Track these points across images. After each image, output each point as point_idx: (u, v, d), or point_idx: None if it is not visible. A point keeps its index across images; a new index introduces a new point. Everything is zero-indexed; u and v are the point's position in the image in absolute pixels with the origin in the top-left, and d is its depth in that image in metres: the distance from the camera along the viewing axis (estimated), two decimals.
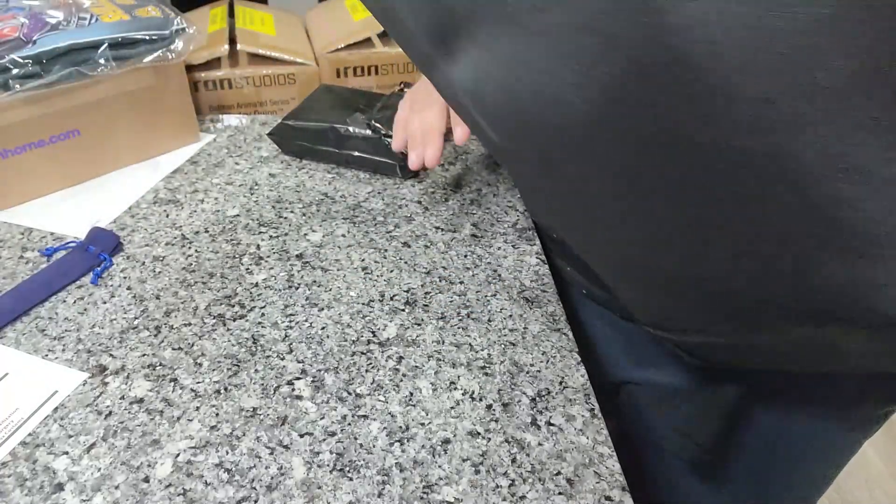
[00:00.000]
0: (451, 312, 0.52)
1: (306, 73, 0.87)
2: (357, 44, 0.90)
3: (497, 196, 0.67)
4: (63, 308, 0.51)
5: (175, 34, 0.67)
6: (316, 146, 0.70)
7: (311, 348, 0.48)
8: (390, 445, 0.41)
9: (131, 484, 0.38)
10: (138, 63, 0.64)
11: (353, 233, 0.60)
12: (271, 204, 0.64)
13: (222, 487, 0.38)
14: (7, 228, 0.59)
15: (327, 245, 0.58)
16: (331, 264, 0.56)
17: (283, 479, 0.39)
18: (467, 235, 0.61)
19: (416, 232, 0.61)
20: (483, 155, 0.74)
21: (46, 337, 0.48)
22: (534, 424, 0.43)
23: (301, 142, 0.70)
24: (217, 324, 0.50)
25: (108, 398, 0.44)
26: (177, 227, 0.60)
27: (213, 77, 0.83)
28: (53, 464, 0.39)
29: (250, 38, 0.88)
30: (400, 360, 0.47)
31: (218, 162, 0.71)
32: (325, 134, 0.69)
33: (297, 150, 0.72)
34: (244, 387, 0.45)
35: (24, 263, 0.55)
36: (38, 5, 0.63)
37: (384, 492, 0.39)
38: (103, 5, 0.66)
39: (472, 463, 0.40)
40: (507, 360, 0.48)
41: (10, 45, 0.58)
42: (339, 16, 1.00)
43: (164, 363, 0.46)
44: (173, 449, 0.40)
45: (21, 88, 0.57)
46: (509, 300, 0.53)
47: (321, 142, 0.70)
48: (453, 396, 0.45)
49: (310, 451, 0.41)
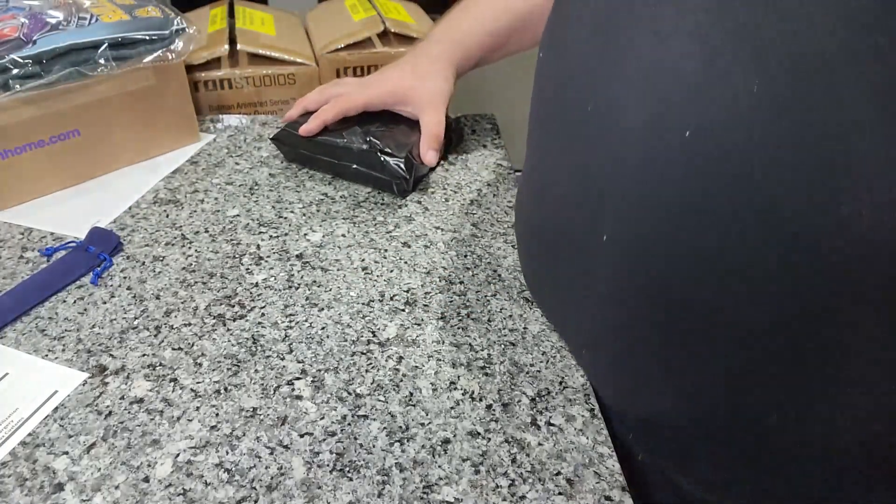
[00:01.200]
0: (451, 312, 0.52)
1: (306, 73, 0.87)
2: (357, 44, 0.90)
3: (497, 196, 0.67)
4: (63, 308, 0.51)
5: (175, 34, 0.67)
6: (315, 155, 0.68)
7: (311, 348, 0.48)
8: (390, 445, 0.41)
9: (131, 484, 0.38)
10: (138, 63, 0.64)
11: (353, 233, 0.60)
12: (271, 204, 0.64)
13: (222, 487, 0.38)
14: (7, 228, 0.59)
15: (327, 245, 0.58)
16: (331, 264, 0.56)
17: (283, 479, 0.39)
18: (467, 235, 0.61)
19: (416, 232, 0.61)
20: (483, 155, 0.74)
21: (46, 337, 0.48)
22: (534, 424, 0.43)
23: (302, 150, 0.69)
24: (217, 324, 0.50)
25: (108, 398, 0.44)
26: (177, 227, 0.60)
27: (213, 77, 0.83)
28: (53, 464, 0.39)
29: (250, 38, 0.88)
30: (400, 360, 0.47)
31: (218, 162, 0.71)
32: (323, 144, 0.67)
33: (298, 158, 0.71)
34: (244, 387, 0.45)
35: (24, 263, 0.55)
36: (38, 5, 0.63)
37: (384, 492, 0.39)
38: (103, 5, 0.66)
39: (472, 463, 0.40)
40: (507, 360, 0.48)
41: (10, 45, 0.58)
42: (339, 16, 1.00)
43: (164, 363, 0.46)
44: (173, 449, 0.41)
45: (21, 88, 0.57)
46: (509, 300, 0.53)
47: (320, 151, 0.68)
48: (453, 396, 0.45)
49: (310, 451, 0.41)
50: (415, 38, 0.94)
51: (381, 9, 1.00)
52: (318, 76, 0.89)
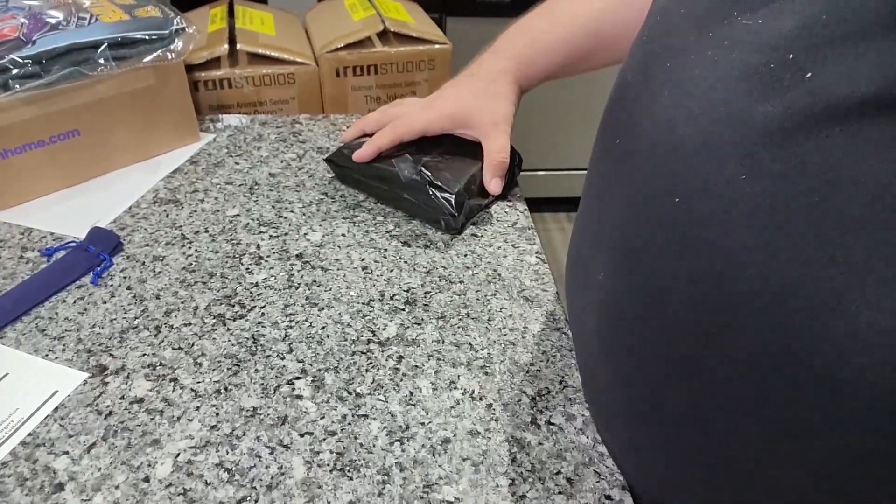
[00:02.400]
0: (451, 312, 0.52)
1: (306, 72, 0.87)
2: (357, 43, 0.90)
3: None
4: (63, 308, 0.51)
5: (175, 34, 0.67)
6: (367, 180, 0.64)
7: (311, 348, 0.48)
8: (390, 445, 0.41)
9: (131, 484, 0.38)
10: (138, 63, 0.64)
11: (353, 232, 0.60)
12: (271, 203, 0.64)
13: (222, 487, 0.38)
14: (7, 228, 0.59)
15: (327, 245, 0.58)
16: (331, 264, 0.56)
17: (284, 479, 0.39)
18: (467, 235, 0.61)
19: (416, 232, 0.61)
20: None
21: (46, 337, 0.48)
22: (534, 424, 0.43)
23: (355, 175, 0.65)
24: (217, 323, 0.50)
25: (108, 398, 0.44)
26: (177, 226, 0.60)
27: (213, 77, 0.83)
28: (54, 464, 0.39)
29: (250, 38, 0.88)
30: (400, 360, 0.47)
31: (218, 162, 0.71)
32: (375, 170, 0.63)
33: (351, 181, 0.66)
34: (244, 386, 0.45)
35: (24, 263, 0.55)
36: (38, 5, 0.63)
37: (384, 491, 0.39)
38: (103, 5, 0.66)
39: (472, 462, 0.40)
40: (507, 360, 0.48)
41: (10, 45, 0.58)
42: (338, 16, 1.00)
43: (164, 363, 0.46)
44: (173, 449, 0.41)
45: (21, 88, 0.57)
46: (509, 300, 0.53)
47: (373, 177, 0.63)
48: (453, 396, 0.45)
49: (310, 450, 0.41)
50: (415, 38, 0.94)
51: (380, 8, 1.00)
52: (318, 76, 0.89)
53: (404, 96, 0.95)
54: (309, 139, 0.76)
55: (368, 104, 0.94)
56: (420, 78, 0.94)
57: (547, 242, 1.99)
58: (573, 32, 0.63)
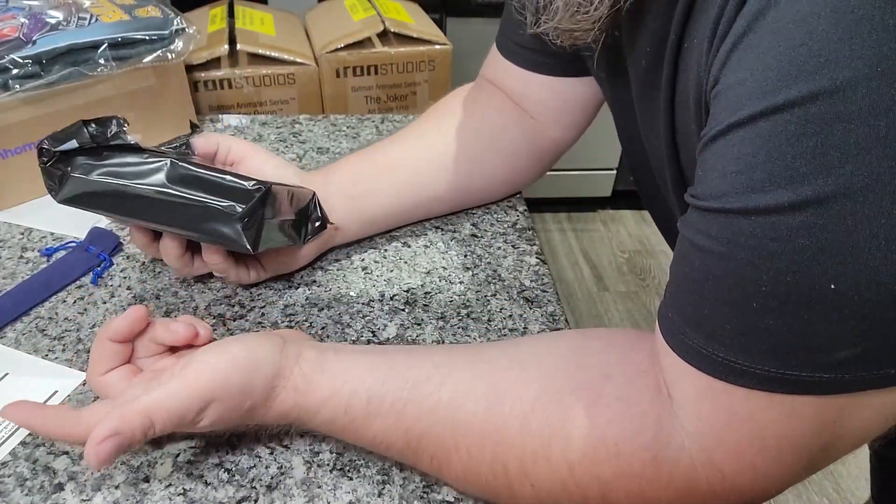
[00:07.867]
0: (451, 312, 0.52)
1: (306, 73, 0.87)
2: (356, 44, 0.90)
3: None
4: (63, 308, 0.51)
5: (175, 34, 0.67)
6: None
7: None
8: None
9: (131, 484, 0.38)
10: (138, 63, 0.64)
11: None
12: None
13: (222, 487, 0.38)
14: (7, 228, 0.59)
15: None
16: (331, 264, 0.56)
17: (284, 479, 0.39)
18: (467, 235, 0.61)
19: (416, 232, 0.61)
20: None
21: (46, 337, 0.48)
22: None
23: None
24: (217, 324, 0.50)
25: None
26: None
27: (213, 77, 0.83)
28: (53, 464, 0.39)
29: (250, 38, 0.88)
30: None
31: None
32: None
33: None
34: None
35: (24, 263, 0.55)
36: (38, 5, 0.63)
37: (384, 491, 0.39)
38: (103, 5, 0.66)
39: None
40: None
41: (10, 45, 0.58)
42: (338, 16, 1.00)
43: None
44: (173, 449, 0.41)
45: (21, 88, 0.57)
46: (509, 300, 0.53)
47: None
48: None
49: (310, 450, 0.41)
50: (415, 39, 0.94)
51: (380, 9, 1.00)
52: (318, 76, 0.89)
53: (404, 96, 0.96)
54: (309, 139, 0.76)
55: (368, 104, 0.94)
56: (420, 78, 0.94)
57: (547, 242, 1.99)
58: None
